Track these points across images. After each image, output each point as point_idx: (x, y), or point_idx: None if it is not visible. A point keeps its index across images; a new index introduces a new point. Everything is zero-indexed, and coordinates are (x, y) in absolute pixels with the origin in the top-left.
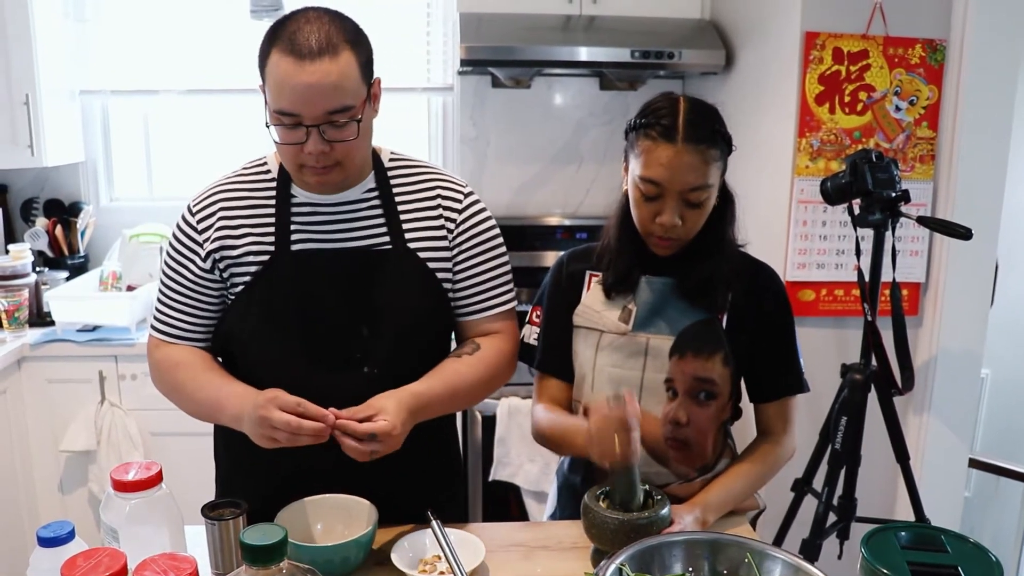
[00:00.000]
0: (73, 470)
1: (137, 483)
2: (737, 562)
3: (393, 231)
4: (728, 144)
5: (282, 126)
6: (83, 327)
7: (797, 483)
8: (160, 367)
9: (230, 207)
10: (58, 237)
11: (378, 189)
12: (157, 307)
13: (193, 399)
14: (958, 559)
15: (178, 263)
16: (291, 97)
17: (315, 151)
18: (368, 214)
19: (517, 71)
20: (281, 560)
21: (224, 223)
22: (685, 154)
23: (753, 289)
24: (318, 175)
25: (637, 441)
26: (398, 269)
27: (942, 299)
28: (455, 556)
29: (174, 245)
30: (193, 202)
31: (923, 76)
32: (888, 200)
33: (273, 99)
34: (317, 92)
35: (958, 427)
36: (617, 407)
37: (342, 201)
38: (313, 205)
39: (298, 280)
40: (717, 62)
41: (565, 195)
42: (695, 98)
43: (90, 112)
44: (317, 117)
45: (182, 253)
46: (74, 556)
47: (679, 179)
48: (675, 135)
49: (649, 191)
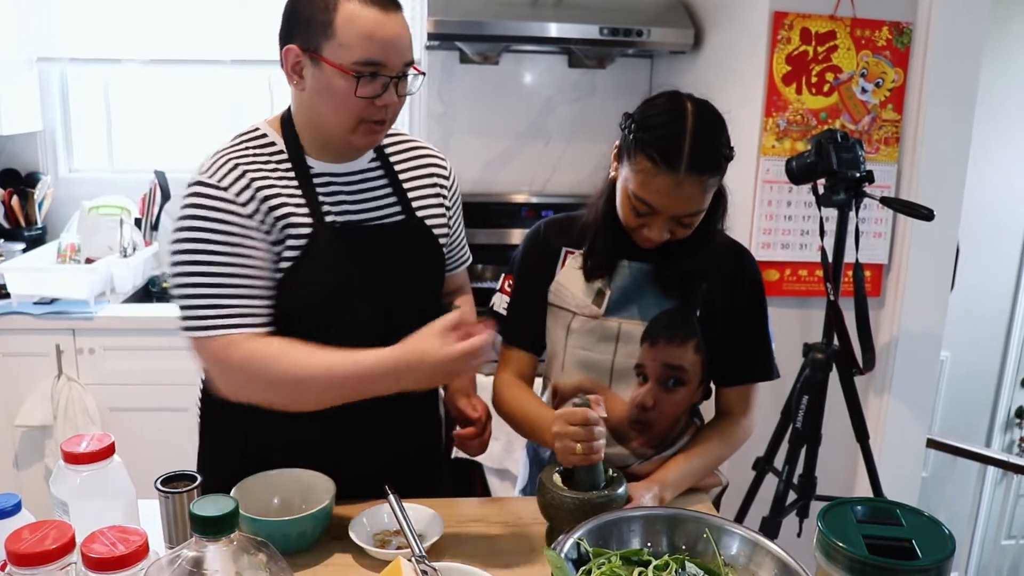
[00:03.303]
0: (29, 445)
1: (89, 455)
2: (695, 537)
3: (403, 202)
4: (730, 160)
5: (363, 78)
6: (40, 300)
7: (758, 461)
8: (251, 366)
9: (255, 176)
10: (14, 208)
11: (379, 160)
12: (212, 302)
13: (329, 379)
14: (912, 533)
15: (229, 243)
16: (381, 46)
17: (392, 103)
18: (377, 184)
19: (485, 47)
20: (232, 531)
21: (260, 192)
22: (686, 184)
23: (731, 276)
24: (373, 132)
25: (601, 443)
26: (417, 240)
27: (904, 281)
28: (412, 530)
29: (211, 226)
30: (206, 175)
31: (889, 59)
32: (852, 180)
33: (359, 49)
34: (401, 42)
35: (917, 408)
36: (579, 412)
37: (353, 171)
38: (330, 176)
39: (342, 254)
40: (686, 41)
41: (532, 173)
42: (702, 110)
43: (48, 80)
44: (398, 68)
45: (228, 231)
46: (19, 529)
47: (675, 206)
48: (679, 164)
49: (641, 208)
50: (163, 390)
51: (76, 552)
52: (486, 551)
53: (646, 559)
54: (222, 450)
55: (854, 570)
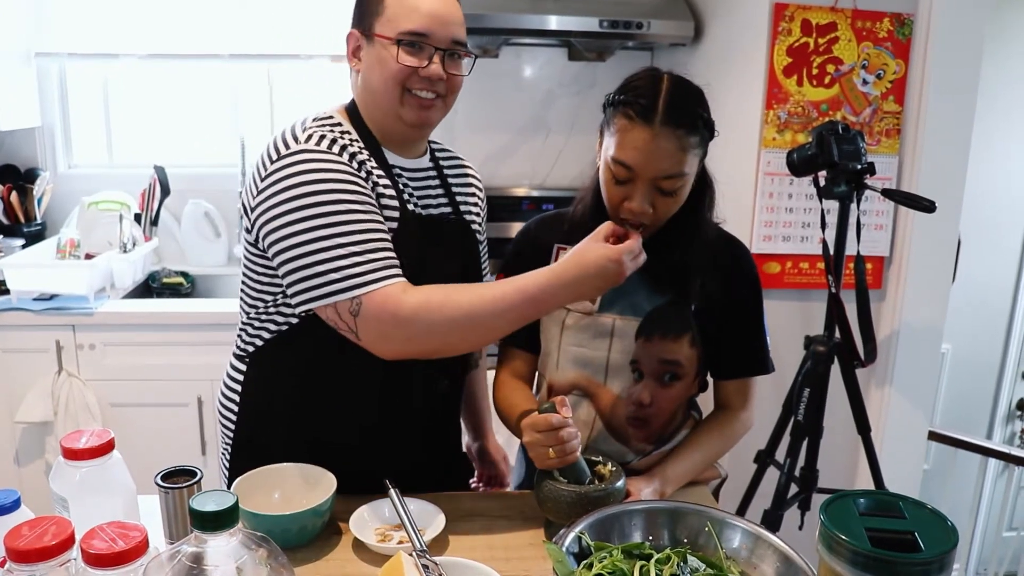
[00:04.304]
0: (29, 441)
1: (88, 451)
2: (697, 530)
3: (452, 203)
4: (710, 130)
5: (407, 46)
6: (40, 296)
7: (760, 454)
8: (427, 310)
9: (353, 151)
10: (13, 204)
11: (432, 161)
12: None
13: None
14: (915, 525)
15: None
16: (427, 17)
17: (436, 75)
18: (434, 183)
19: (485, 40)
20: (232, 527)
21: (362, 166)
22: (662, 138)
23: (725, 271)
24: (422, 108)
25: (575, 443)
26: (472, 239)
27: (905, 273)
28: (413, 525)
29: (338, 185)
30: (310, 144)
31: (890, 50)
32: (854, 172)
33: (404, 22)
34: (449, 17)
35: (919, 400)
36: (543, 419)
37: (418, 167)
38: (401, 169)
39: (424, 243)
40: (686, 33)
41: (532, 166)
42: (680, 77)
43: (46, 75)
44: (445, 40)
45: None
46: (19, 525)
47: (653, 165)
48: (653, 117)
49: (620, 174)
50: (163, 386)
51: (76, 548)
52: (487, 545)
53: (648, 553)
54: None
55: (857, 563)
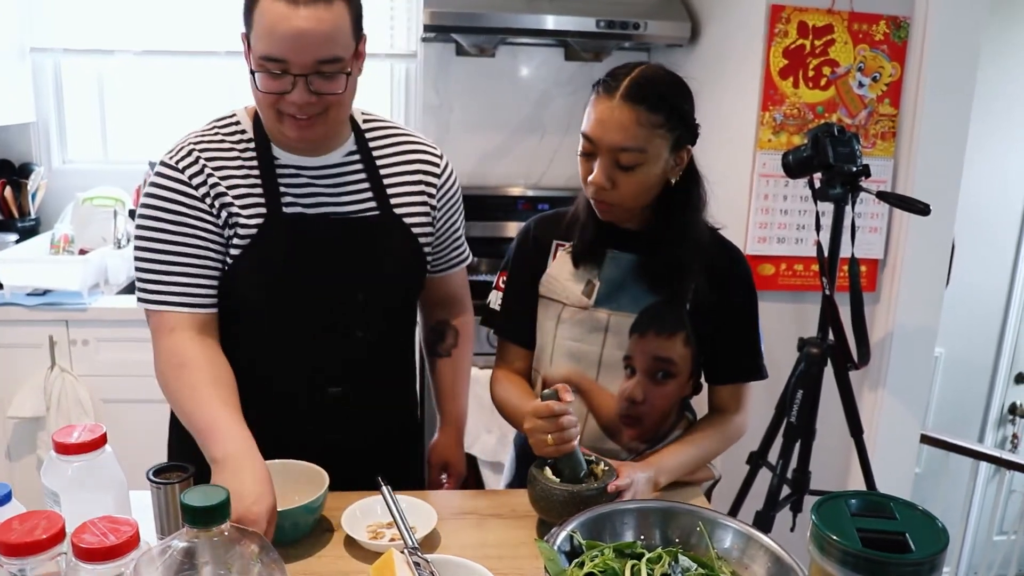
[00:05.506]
0: (21, 436)
1: (80, 445)
2: (689, 531)
3: (379, 197)
4: (684, 121)
5: (267, 73)
6: (33, 291)
7: (752, 456)
8: (168, 360)
9: (214, 162)
10: (7, 199)
11: (359, 153)
12: (157, 277)
13: (184, 412)
14: (906, 526)
15: (177, 222)
16: (281, 42)
17: (300, 101)
18: (352, 179)
19: (482, 39)
20: (223, 522)
21: (213, 178)
22: (618, 110)
23: (721, 275)
24: (300, 128)
25: (573, 432)
26: (389, 236)
27: (899, 276)
28: (405, 522)
29: (164, 205)
30: (168, 157)
31: (886, 53)
32: (849, 174)
33: (261, 44)
34: (310, 38)
35: (911, 403)
36: (544, 406)
37: (325, 164)
38: (297, 168)
39: (294, 245)
40: (682, 34)
41: (528, 166)
42: (664, 68)
43: (41, 71)
44: (306, 65)
45: (179, 211)
46: (9, 519)
47: (608, 136)
48: (615, 91)
49: (585, 147)
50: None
51: (66, 542)
52: (479, 543)
53: (639, 552)
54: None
55: (847, 563)
